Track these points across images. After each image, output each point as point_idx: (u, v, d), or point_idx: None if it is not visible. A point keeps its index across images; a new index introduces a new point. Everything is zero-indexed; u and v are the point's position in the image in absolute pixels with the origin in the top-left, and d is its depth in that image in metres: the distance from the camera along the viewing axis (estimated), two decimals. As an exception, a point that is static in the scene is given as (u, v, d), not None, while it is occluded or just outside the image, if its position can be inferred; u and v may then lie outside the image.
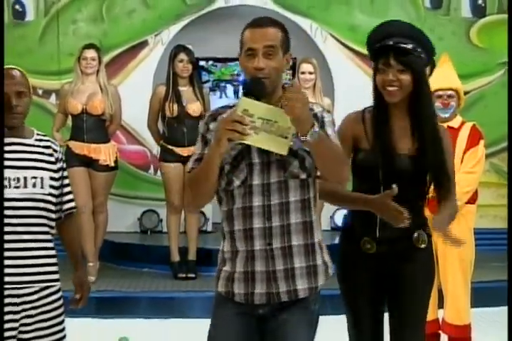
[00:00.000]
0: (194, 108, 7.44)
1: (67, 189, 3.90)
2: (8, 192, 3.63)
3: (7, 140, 3.70)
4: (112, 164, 7.60)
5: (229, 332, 3.35)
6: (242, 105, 3.00)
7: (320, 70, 7.75)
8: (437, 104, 5.16)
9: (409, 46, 3.63)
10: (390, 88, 3.65)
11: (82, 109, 7.44)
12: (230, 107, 3.29)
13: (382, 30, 3.74)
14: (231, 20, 8.68)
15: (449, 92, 5.25)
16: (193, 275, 7.58)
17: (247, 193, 3.26)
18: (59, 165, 3.84)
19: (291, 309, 3.31)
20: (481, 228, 6.22)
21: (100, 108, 7.45)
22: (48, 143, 3.85)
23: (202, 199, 3.33)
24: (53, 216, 3.79)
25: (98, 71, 7.51)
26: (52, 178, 3.78)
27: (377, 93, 3.76)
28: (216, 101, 7.82)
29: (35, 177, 3.71)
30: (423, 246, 3.77)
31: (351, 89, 8.66)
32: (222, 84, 9.25)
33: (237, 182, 3.26)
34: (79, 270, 3.94)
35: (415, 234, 3.75)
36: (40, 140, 3.82)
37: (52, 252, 3.78)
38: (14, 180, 3.65)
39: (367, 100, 9.03)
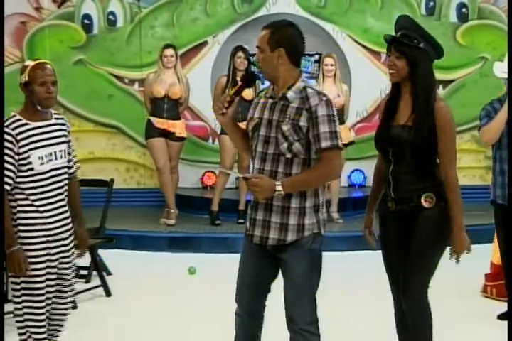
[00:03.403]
0: (247, 93, 7.39)
1: (73, 153, 3.79)
2: (44, 167, 3.53)
3: (36, 124, 3.57)
4: (185, 136, 7.70)
5: (246, 264, 3.43)
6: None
7: (339, 63, 7.76)
8: None
9: (408, 38, 3.44)
10: (389, 71, 3.52)
11: (165, 94, 7.55)
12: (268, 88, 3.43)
13: (396, 24, 3.57)
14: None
15: None
16: (242, 221, 7.59)
17: (254, 156, 3.32)
18: (70, 136, 3.74)
19: (288, 250, 3.27)
20: (464, 185, 6.13)
21: (179, 93, 7.58)
22: (63, 121, 3.72)
23: (242, 152, 4.07)
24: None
25: (175, 65, 7.61)
26: (68, 148, 3.70)
27: None
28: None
29: (61, 151, 3.62)
30: (430, 205, 3.49)
31: (364, 77, 8.71)
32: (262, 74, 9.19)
33: (252, 146, 3.35)
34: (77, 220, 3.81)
35: (424, 195, 3.48)
36: (57, 118, 3.69)
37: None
38: (47, 156, 3.54)
39: (376, 86, 8.99)
